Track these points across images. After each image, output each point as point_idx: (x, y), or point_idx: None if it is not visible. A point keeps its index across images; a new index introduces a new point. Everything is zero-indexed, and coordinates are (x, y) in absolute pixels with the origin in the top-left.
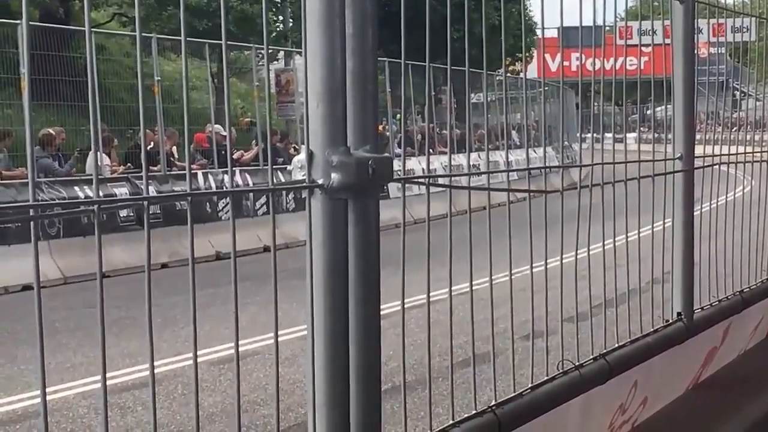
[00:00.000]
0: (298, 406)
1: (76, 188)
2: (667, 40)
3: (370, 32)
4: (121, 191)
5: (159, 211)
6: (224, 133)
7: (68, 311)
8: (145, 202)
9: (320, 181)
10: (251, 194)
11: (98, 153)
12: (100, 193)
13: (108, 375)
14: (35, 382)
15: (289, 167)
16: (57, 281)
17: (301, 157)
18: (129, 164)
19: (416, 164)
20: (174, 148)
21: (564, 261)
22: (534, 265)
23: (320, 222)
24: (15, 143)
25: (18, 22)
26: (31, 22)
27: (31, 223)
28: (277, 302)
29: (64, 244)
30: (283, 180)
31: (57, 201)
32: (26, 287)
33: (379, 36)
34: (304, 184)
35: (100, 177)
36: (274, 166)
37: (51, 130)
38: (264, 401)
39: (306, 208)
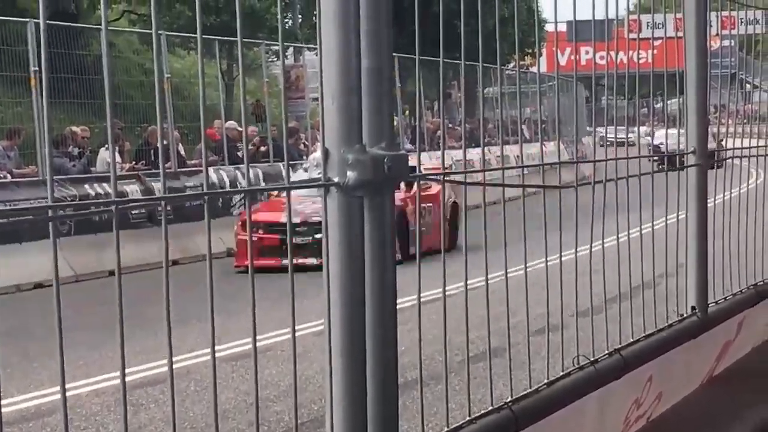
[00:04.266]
0: (310, 402)
1: (86, 186)
2: (678, 33)
3: (385, 30)
4: (131, 188)
5: (169, 208)
6: (240, 129)
7: (80, 309)
8: (163, 202)
9: (336, 179)
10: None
11: (114, 151)
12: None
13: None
14: (48, 379)
15: (305, 164)
16: (69, 279)
17: (317, 155)
18: (142, 161)
19: (426, 159)
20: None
21: (578, 254)
22: (548, 259)
23: (336, 220)
24: (26, 140)
25: (27, 20)
26: (39, 20)
27: (50, 223)
28: (294, 299)
29: (76, 242)
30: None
31: (75, 201)
32: (38, 285)
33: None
34: (320, 182)
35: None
36: (284, 164)
37: (76, 128)
38: (276, 398)
39: (321, 206)
